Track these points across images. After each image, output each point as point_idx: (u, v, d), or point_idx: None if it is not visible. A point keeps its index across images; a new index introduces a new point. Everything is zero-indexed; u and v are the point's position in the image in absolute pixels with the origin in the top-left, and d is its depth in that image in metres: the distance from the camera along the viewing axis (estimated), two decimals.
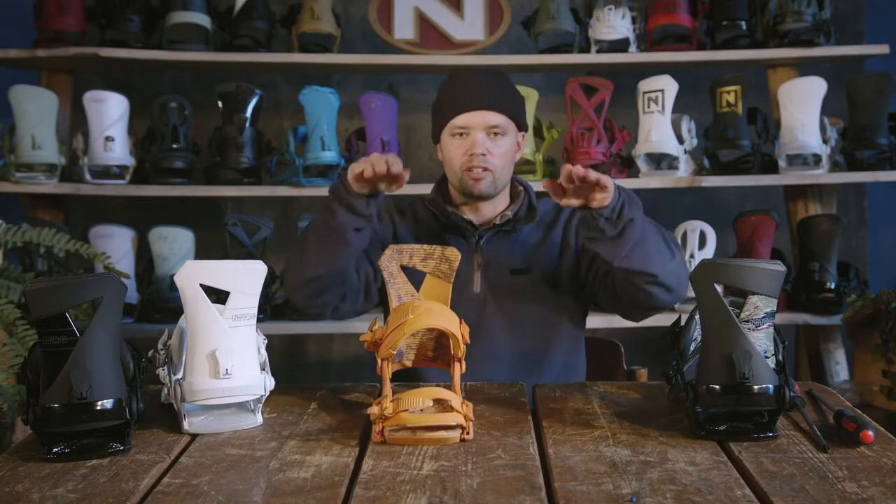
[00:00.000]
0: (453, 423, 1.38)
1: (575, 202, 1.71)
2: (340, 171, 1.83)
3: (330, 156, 3.15)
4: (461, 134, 1.93)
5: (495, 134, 1.92)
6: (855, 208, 3.82)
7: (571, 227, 2.00)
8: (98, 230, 3.20)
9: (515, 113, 1.96)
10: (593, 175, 1.66)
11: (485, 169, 1.91)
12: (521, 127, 1.99)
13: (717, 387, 1.35)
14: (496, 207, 2.00)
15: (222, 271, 1.44)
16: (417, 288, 1.60)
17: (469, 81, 1.95)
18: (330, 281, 1.86)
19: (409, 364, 1.61)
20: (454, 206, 2.00)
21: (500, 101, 1.93)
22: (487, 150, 1.91)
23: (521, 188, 2.03)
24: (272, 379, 1.50)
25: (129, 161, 3.20)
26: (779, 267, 1.36)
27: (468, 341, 1.47)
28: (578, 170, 1.66)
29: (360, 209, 1.79)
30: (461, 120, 1.92)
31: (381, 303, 1.98)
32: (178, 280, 1.42)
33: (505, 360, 1.94)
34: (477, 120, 1.91)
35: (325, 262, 1.84)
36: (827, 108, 3.26)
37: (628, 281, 1.80)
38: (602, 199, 1.69)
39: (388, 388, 1.43)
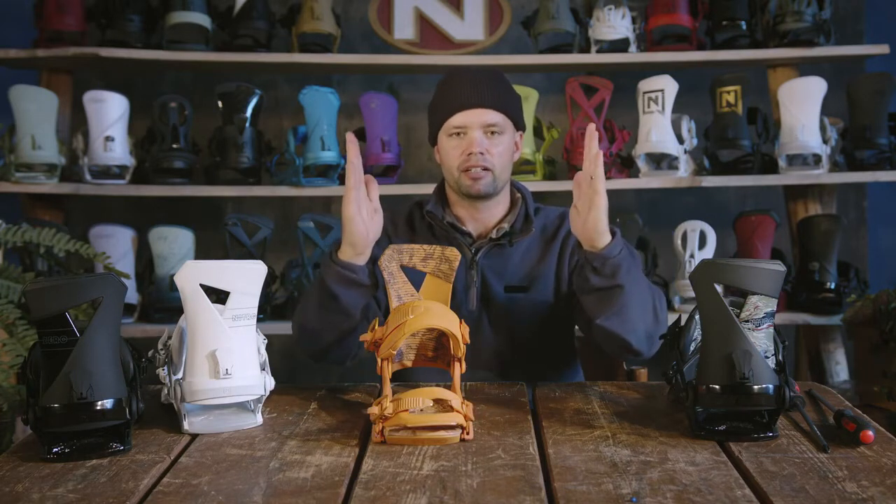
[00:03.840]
0: (453, 423, 1.37)
1: (584, 202, 1.66)
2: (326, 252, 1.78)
3: (330, 156, 3.15)
4: (458, 133, 1.91)
5: (493, 132, 1.90)
6: (855, 208, 3.82)
7: (570, 242, 1.95)
8: (98, 230, 3.20)
9: (513, 111, 1.94)
10: (594, 148, 1.64)
11: (484, 168, 1.89)
12: (519, 126, 1.97)
13: (717, 387, 1.35)
14: (495, 212, 1.97)
15: (222, 271, 1.44)
16: (417, 288, 1.60)
17: (465, 80, 1.92)
18: (343, 343, 1.81)
19: (409, 364, 1.61)
20: (453, 215, 1.98)
21: (497, 99, 1.90)
22: (486, 149, 1.89)
23: (519, 195, 2.00)
24: (272, 379, 1.50)
25: (129, 161, 3.20)
26: (779, 267, 1.36)
27: (468, 341, 1.47)
28: (591, 136, 1.65)
29: (346, 275, 1.72)
30: (458, 119, 1.90)
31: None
32: (178, 280, 1.42)
33: (501, 376, 1.93)
34: (474, 119, 1.89)
35: (333, 330, 1.78)
36: (827, 108, 3.26)
37: (603, 335, 1.75)
38: (595, 218, 1.64)
39: (388, 388, 1.43)
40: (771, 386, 1.34)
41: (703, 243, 3.23)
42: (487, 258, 1.94)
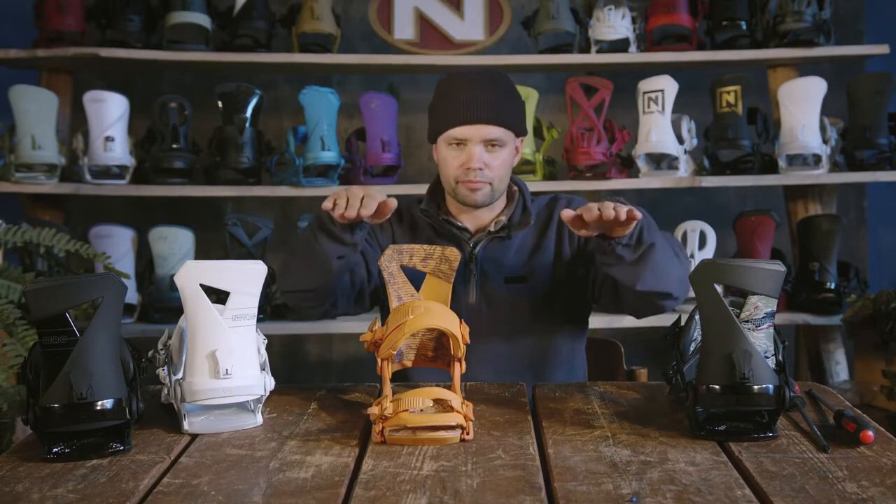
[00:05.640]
0: (453, 423, 1.37)
1: (595, 233, 1.69)
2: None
3: (330, 156, 3.15)
4: (458, 144, 1.90)
5: (493, 146, 1.89)
6: (855, 208, 3.82)
7: (565, 228, 1.95)
8: (98, 230, 3.20)
9: (514, 123, 1.92)
10: (624, 212, 1.62)
11: (482, 182, 1.89)
12: (521, 133, 1.96)
13: (717, 387, 1.35)
14: (492, 210, 1.97)
15: (222, 271, 1.44)
16: (417, 288, 1.60)
17: (467, 91, 1.88)
18: (317, 294, 1.84)
19: (409, 364, 1.61)
20: (448, 213, 1.98)
21: (498, 113, 1.88)
22: (485, 163, 1.88)
23: (515, 189, 2.00)
24: (272, 379, 1.50)
25: (129, 161, 3.20)
26: (779, 267, 1.36)
27: (468, 341, 1.47)
28: (609, 212, 1.62)
29: (343, 239, 1.75)
30: (458, 132, 1.88)
31: (381, 303, 1.97)
32: (178, 280, 1.42)
33: (503, 370, 1.92)
34: (474, 133, 1.87)
35: (311, 280, 1.82)
36: (827, 108, 3.26)
37: (642, 299, 1.79)
38: (625, 230, 1.67)
39: (388, 388, 1.43)
40: (771, 386, 1.34)
41: (703, 243, 3.23)
42: (486, 251, 1.94)
